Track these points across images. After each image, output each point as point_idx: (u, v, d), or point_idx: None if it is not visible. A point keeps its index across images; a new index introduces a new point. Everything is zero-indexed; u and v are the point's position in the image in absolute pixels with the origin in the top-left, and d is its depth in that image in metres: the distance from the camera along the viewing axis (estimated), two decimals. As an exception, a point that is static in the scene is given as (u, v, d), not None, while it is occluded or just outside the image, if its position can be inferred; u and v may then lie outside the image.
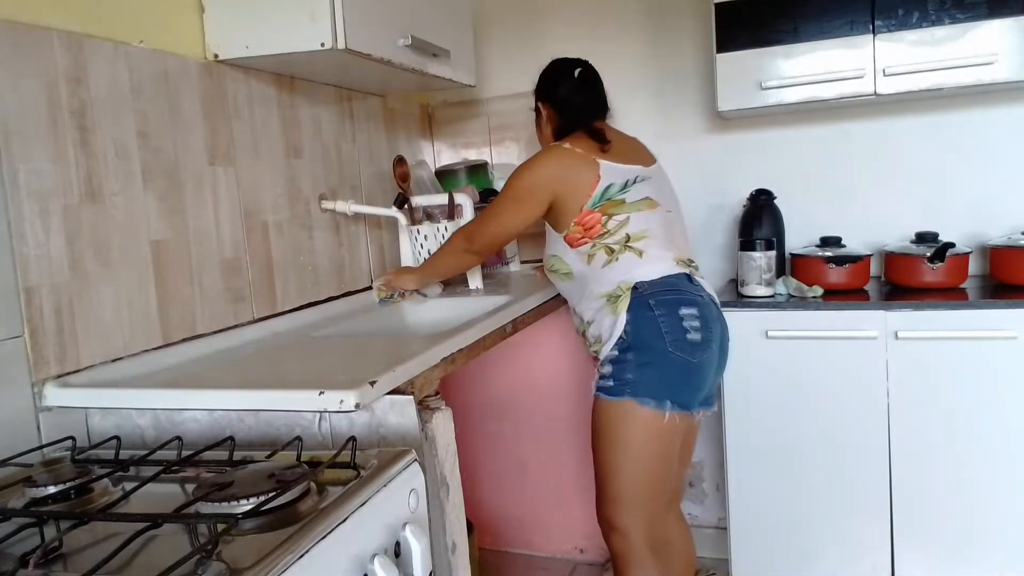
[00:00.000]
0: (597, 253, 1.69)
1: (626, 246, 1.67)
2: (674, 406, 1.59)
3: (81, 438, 1.17)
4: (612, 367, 1.62)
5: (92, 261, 1.28)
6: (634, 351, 1.60)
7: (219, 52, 1.57)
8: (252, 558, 0.70)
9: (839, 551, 2.03)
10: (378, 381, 1.09)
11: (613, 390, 1.61)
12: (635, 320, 1.61)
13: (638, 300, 1.62)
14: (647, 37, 2.45)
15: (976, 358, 1.88)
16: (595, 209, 1.68)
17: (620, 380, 1.61)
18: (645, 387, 1.59)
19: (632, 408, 1.59)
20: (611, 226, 1.68)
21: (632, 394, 1.59)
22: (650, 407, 1.58)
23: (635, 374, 1.59)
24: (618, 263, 1.67)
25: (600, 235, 1.68)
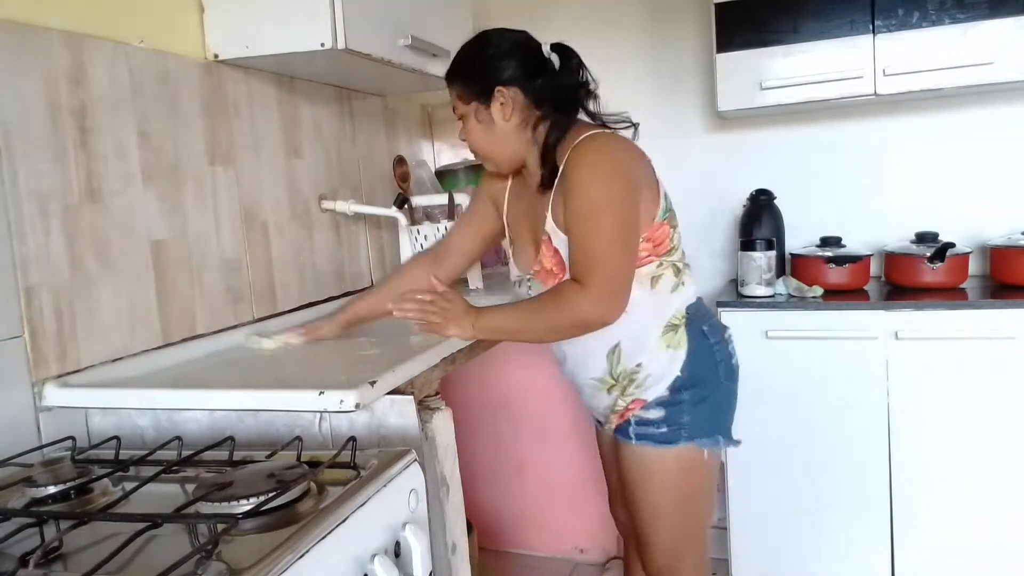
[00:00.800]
0: (664, 274, 1.37)
1: (685, 265, 1.43)
2: (726, 441, 1.44)
3: (81, 438, 1.17)
4: (664, 411, 1.38)
5: (92, 261, 1.28)
6: (689, 389, 1.38)
7: (219, 52, 1.57)
8: (252, 558, 0.70)
9: (839, 551, 2.03)
10: (378, 381, 1.09)
11: (666, 437, 1.38)
12: (694, 353, 1.38)
13: (692, 329, 1.39)
14: (647, 37, 2.45)
15: (976, 358, 1.88)
16: (664, 220, 1.37)
17: (675, 424, 1.38)
18: (702, 427, 1.39)
19: (691, 454, 1.39)
20: (675, 240, 1.40)
21: (689, 438, 1.38)
22: (708, 448, 1.40)
23: (692, 414, 1.38)
24: (683, 287, 1.40)
25: (668, 251, 1.37)
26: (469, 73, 1.38)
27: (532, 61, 1.37)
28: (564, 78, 1.38)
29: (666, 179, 2.12)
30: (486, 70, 1.36)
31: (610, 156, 1.31)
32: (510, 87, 1.35)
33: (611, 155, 1.31)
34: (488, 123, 1.37)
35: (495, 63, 1.36)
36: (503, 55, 1.37)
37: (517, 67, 1.36)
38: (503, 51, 1.37)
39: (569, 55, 1.40)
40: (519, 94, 1.35)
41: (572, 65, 1.40)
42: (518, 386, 2.45)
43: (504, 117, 1.36)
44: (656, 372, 1.38)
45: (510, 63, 1.36)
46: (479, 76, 1.37)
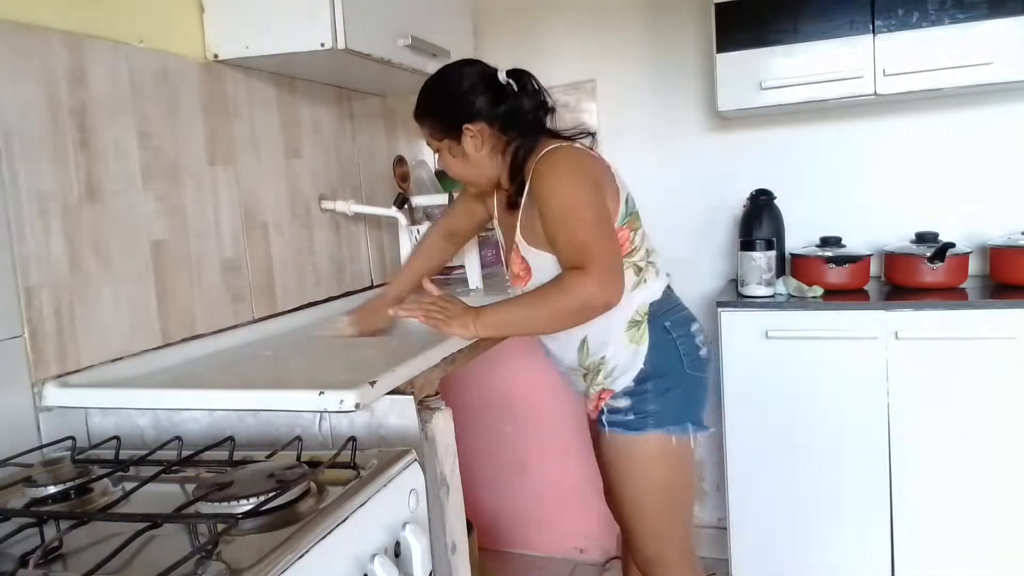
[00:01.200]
0: (625, 274, 1.45)
1: (648, 263, 1.51)
2: (695, 428, 1.50)
3: (81, 438, 1.17)
4: (630, 400, 1.49)
5: (92, 261, 1.28)
6: (653, 380, 1.48)
7: (219, 52, 1.57)
8: (252, 558, 0.70)
9: (839, 551, 2.03)
10: (378, 381, 1.09)
11: (634, 424, 1.48)
12: (655, 347, 1.48)
13: (655, 324, 1.48)
14: (647, 37, 2.45)
15: (976, 358, 1.88)
16: (623, 225, 1.46)
17: (641, 413, 1.48)
18: (669, 415, 1.48)
19: (658, 440, 1.48)
20: (637, 241, 1.49)
21: (656, 425, 1.47)
22: (675, 434, 1.48)
23: (657, 403, 1.47)
24: (645, 285, 1.49)
25: (629, 253, 1.47)
26: (437, 113, 1.48)
27: (492, 92, 1.45)
28: (522, 101, 1.46)
29: (666, 179, 2.14)
30: (452, 110, 1.45)
31: (572, 163, 1.40)
32: (476, 122, 1.44)
33: (572, 162, 1.40)
34: (462, 155, 1.48)
35: (459, 102, 1.45)
36: (465, 93, 1.45)
37: (480, 101, 1.44)
38: (464, 89, 1.45)
39: (524, 79, 1.48)
40: (485, 127, 1.44)
41: (528, 88, 1.47)
42: (518, 386, 2.45)
43: (476, 149, 1.46)
44: (622, 364, 1.49)
45: (473, 99, 1.44)
46: (446, 116, 1.46)
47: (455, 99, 1.45)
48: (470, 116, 1.43)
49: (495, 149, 1.46)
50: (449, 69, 1.51)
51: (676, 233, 2.47)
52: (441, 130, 1.47)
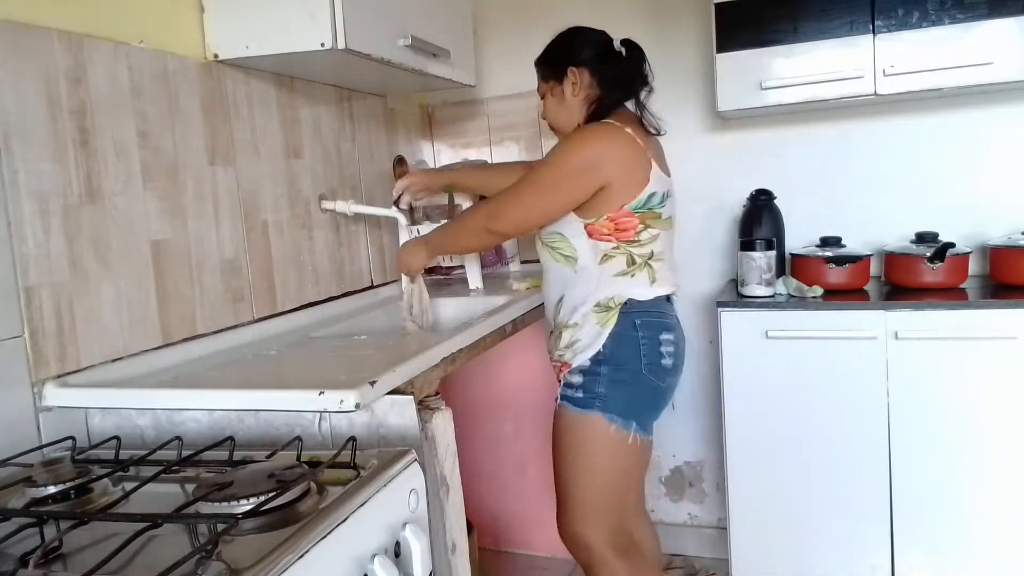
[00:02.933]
0: (617, 257, 1.57)
1: (647, 263, 1.59)
2: (638, 428, 1.58)
3: (81, 438, 1.17)
4: (583, 378, 1.57)
5: (92, 261, 1.28)
6: (608, 366, 1.56)
7: (219, 52, 1.57)
8: (252, 558, 0.70)
9: (839, 551, 2.03)
10: (378, 381, 1.09)
11: (581, 402, 1.57)
12: (617, 336, 1.56)
13: (624, 317, 1.56)
14: (647, 37, 2.43)
15: (976, 358, 1.88)
16: (636, 213, 1.55)
17: (590, 392, 1.56)
18: (615, 404, 1.55)
19: (599, 422, 1.56)
20: (644, 237, 1.57)
21: (601, 409, 1.55)
22: (617, 424, 1.55)
23: (607, 389, 1.55)
24: (631, 280, 1.58)
25: (629, 241, 1.56)
26: (551, 57, 1.69)
27: (603, 50, 1.65)
28: (624, 67, 1.65)
29: (666, 179, 2.10)
30: (563, 53, 1.66)
31: (587, 139, 1.56)
32: (580, 68, 1.63)
33: (589, 138, 1.56)
34: (560, 97, 1.67)
35: (572, 48, 1.66)
36: (579, 43, 1.66)
37: (589, 53, 1.64)
38: (580, 40, 1.67)
39: (635, 51, 1.67)
40: (586, 74, 1.63)
41: (634, 56, 1.66)
42: (518, 386, 2.45)
43: (572, 93, 1.65)
44: (584, 340, 1.58)
45: (583, 49, 1.65)
46: (557, 57, 1.67)
47: (571, 46, 1.66)
48: (575, 61, 1.63)
49: (587, 99, 1.64)
50: (575, 27, 1.70)
51: (676, 233, 2.47)
52: (550, 72, 1.68)
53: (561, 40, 1.69)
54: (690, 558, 2.54)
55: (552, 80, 1.67)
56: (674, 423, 2.49)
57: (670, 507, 2.62)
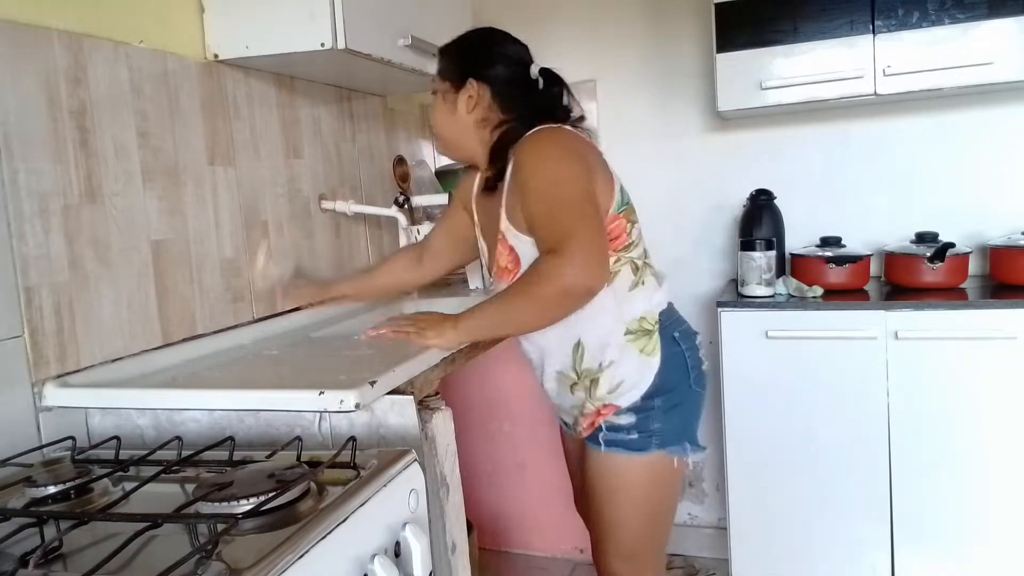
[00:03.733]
0: (622, 270, 1.35)
1: (645, 264, 1.40)
2: (692, 447, 1.41)
3: (81, 438, 1.17)
4: (635, 418, 1.36)
5: (92, 261, 1.28)
6: (661, 396, 1.36)
7: (219, 52, 1.57)
8: (252, 558, 0.70)
9: (839, 551, 2.03)
10: (378, 381, 1.09)
11: (636, 444, 1.36)
12: (667, 360, 1.37)
13: (666, 335, 1.38)
14: (647, 37, 2.45)
15: (976, 358, 1.88)
16: (619, 214, 1.35)
17: (645, 432, 1.36)
18: (672, 434, 1.38)
19: (661, 462, 1.37)
20: (634, 236, 1.38)
21: (660, 445, 1.36)
22: (678, 455, 1.39)
23: (662, 422, 1.37)
24: (644, 288, 1.38)
25: (626, 246, 1.36)
26: (456, 54, 1.44)
27: (516, 73, 1.40)
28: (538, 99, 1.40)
29: (666, 179, 2.13)
30: (470, 58, 1.41)
31: (560, 141, 1.32)
32: (482, 83, 1.39)
33: (561, 140, 1.32)
34: (451, 106, 1.41)
35: (479, 57, 1.41)
36: (492, 54, 1.41)
37: (500, 70, 1.39)
38: (493, 50, 1.42)
39: (554, 81, 1.43)
40: (487, 93, 1.39)
41: (552, 91, 1.42)
42: (518, 386, 2.45)
43: (467, 109, 1.40)
44: (630, 378, 1.36)
45: (495, 63, 1.40)
46: (462, 61, 1.41)
47: (478, 52, 1.42)
48: (479, 74, 1.39)
49: (485, 121, 1.40)
50: (494, 29, 1.47)
51: (676, 233, 2.47)
52: (448, 72, 1.42)
53: (471, 40, 1.45)
54: (690, 558, 2.54)
55: (448, 82, 1.42)
56: (674, 423, 2.48)
57: (670, 507, 2.62)
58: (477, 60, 1.40)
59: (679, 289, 2.44)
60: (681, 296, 2.43)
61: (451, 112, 1.41)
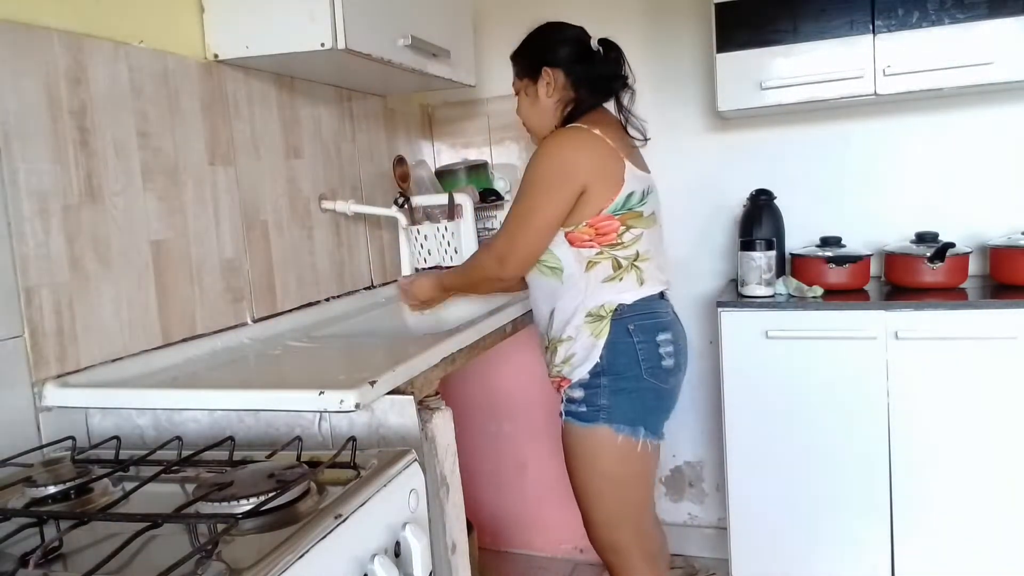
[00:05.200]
0: (602, 263, 1.54)
1: (633, 265, 1.55)
2: (647, 433, 1.56)
3: (81, 438, 1.17)
4: (584, 391, 1.56)
5: (92, 261, 1.28)
6: (608, 376, 1.54)
7: (219, 52, 1.57)
8: (252, 558, 0.70)
9: (839, 551, 2.03)
10: (378, 381, 1.09)
11: (586, 416, 1.56)
12: (613, 345, 1.53)
13: (617, 324, 1.54)
14: (647, 37, 2.45)
15: (976, 358, 1.88)
16: (615, 216, 1.52)
17: (593, 406, 1.55)
18: (620, 413, 1.54)
19: (607, 434, 1.54)
20: (627, 239, 1.54)
21: (607, 420, 1.54)
22: (624, 434, 1.54)
23: (609, 400, 1.54)
24: (620, 284, 1.55)
25: (612, 244, 1.53)
26: (526, 54, 1.65)
27: (579, 50, 1.61)
28: (602, 68, 1.61)
29: (666, 179, 2.14)
30: (538, 52, 1.63)
31: (559, 147, 1.52)
32: (554, 68, 1.60)
33: (561, 146, 1.52)
34: (534, 97, 1.64)
35: (547, 47, 1.62)
36: (555, 41, 1.62)
37: (564, 52, 1.60)
38: (555, 38, 1.63)
39: (610, 47, 1.63)
40: (561, 75, 1.60)
41: (611, 57, 1.62)
42: (518, 386, 2.45)
43: (547, 94, 1.61)
44: (580, 354, 1.56)
45: (559, 48, 1.61)
46: (532, 56, 1.63)
47: (544, 44, 1.63)
48: (550, 61, 1.60)
49: (561, 100, 1.61)
50: (551, 22, 1.66)
51: (676, 233, 2.47)
52: (524, 69, 1.64)
53: (536, 37, 1.65)
54: (690, 558, 2.54)
55: (526, 79, 1.65)
56: (674, 423, 2.46)
57: (670, 507, 2.62)
58: (543, 50, 1.62)
59: (679, 289, 2.44)
60: (681, 296, 2.44)
61: (535, 103, 1.64)
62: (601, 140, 1.51)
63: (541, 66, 1.61)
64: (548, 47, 1.62)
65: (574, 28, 1.65)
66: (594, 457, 1.57)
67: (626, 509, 1.62)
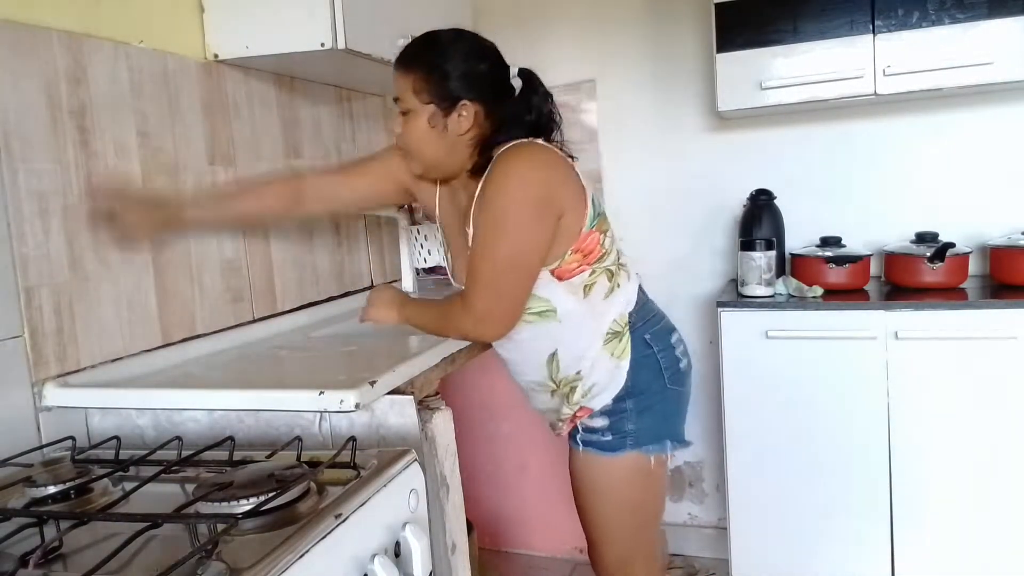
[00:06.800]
0: (598, 281, 1.35)
1: (619, 265, 1.40)
2: (674, 444, 1.45)
3: (81, 438, 1.17)
4: (608, 420, 1.40)
5: (92, 261, 1.28)
6: (633, 398, 1.39)
7: (219, 52, 1.57)
8: (252, 558, 0.70)
9: (839, 551, 2.03)
10: (378, 381, 1.09)
11: (611, 445, 1.40)
12: (637, 363, 1.38)
13: (636, 337, 1.39)
14: (647, 37, 2.45)
15: (976, 358, 1.88)
16: (592, 229, 1.33)
17: (619, 433, 1.40)
18: (647, 434, 1.40)
19: (636, 461, 1.40)
20: (607, 244, 1.37)
21: (635, 446, 1.39)
22: (654, 454, 1.42)
23: (636, 423, 1.39)
24: (619, 289, 1.38)
25: (600, 258, 1.35)
26: (437, 72, 1.29)
27: (500, 80, 1.33)
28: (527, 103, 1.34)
29: (666, 179, 2.13)
30: (460, 77, 1.29)
31: (531, 168, 1.27)
32: (476, 103, 1.29)
33: (532, 167, 1.27)
34: (440, 129, 1.30)
35: (471, 73, 1.29)
36: (481, 67, 1.31)
37: (488, 83, 1.31)
38: (479, 62, 1.31)
39: (535, 84, 1.36)
40: (481, 111, 1.30)
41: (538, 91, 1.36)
42: (518, 386, 2.45)
43: (462, 130, 1.30)
44: (601, 381, 1.38)
45: (486, 77, 1.31)
46: (449, 80, 1.29)
47: (468, 67, 1.29)
48: (476, 93, 1.29)
49: (476, 139, 1.32)
50: (469, 33, 1.35)
51: (676, 233, 2.47)
52: (432, 92, 1.28)
53: (455, 51, 1.31)
54: (690, 558, 2.54)
55: (433, 103, 1.29)
56: (674, 423, 2.48)
57: (670, 507, 2.61)
58: (467, 77, 1.29)
59: (679, 289, 2.45)
60: (681, 296, 2.45)
61: (441, 135, 1.31)
62: (554, 152, 1.32)
63: (462, 97, 1.28)
64: (473, 73, 1.29)
65: (493, 49, 1.35)
66: (619, 488, 1.44)
67: (644, 535, 1.51)
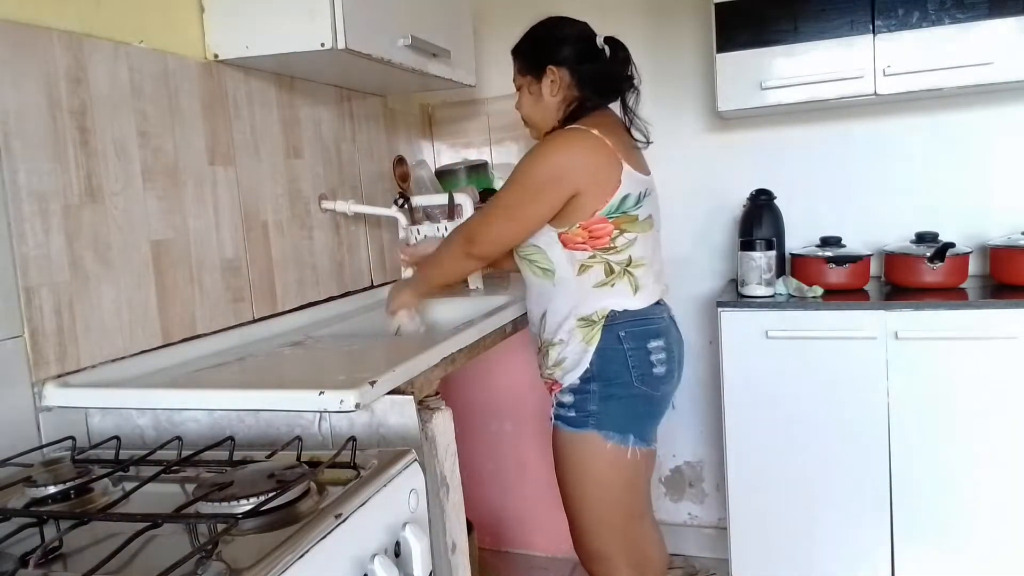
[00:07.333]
0: (594, 267, 1.52)
1: (626, 270, 1.53)
2: (636, 440, 1.55)
3: (81, 438, 1.17)
4: (574, 397, 1.55)
5: (92, 261, 1.28)
6: (598, 382, 1.53)
7: (219, 52, 1.57)
8: (252, 558, 0.70)
9: (839, 551, 2.03)
10: (378, 381, 1.09)
11: (575, 421, 1.55)
12: (602, 352, 1.52)
13: (608, 331, 1.52)
14: (647, 37, 2.45)
15: (976, 358, 1.88)
16: (609, 219, 1.50)
17: (583, 411, 1.54)
18: (609, 420, 1.53)
19: (595, 441, 1.53)
20: (620, 243, 1.51)
21: (596, 427, 1.53)
22: (613, 441, 1.53)
23: (599, 406, 1.53)
24: (612, 290, 1.53)
25: (605, 248, 1.51)
26: (529, 50, 1.61)
27: (585, 48, 1.57)
28: (608, 67, 1.59)
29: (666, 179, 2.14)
30: (543, 49, 1.58)
31: (555, 150, 1.50)
32: (560, 67, 1.56)
33: (556, 150, 1.50)
34: (537, 96, 1.60)
35: (551, 45, 1.58)
36: (559, 39, 1.58)
37: (570, 50, 1.57)
38: (560, 35, 1.59)
39: (618, 46, 1.61)
40: (566, 74, 1.57)
41: (619, 57, 1.60)
42: (519, 386, 2.45)
43: (551, 93, 1.58)
44: (571, 359, 1.55)
45: (564, 46, 1.57)
46: (536, 54, 1.59)
47: (549, 41, 1.59)
48: (556, 60, 1.56)
49: (564, 100, 1.58)
50: (555, 17, 1.62)
51: (676, 233, 2.47)
52: (527, 67, 1.61)
53: (540, 33, 1.61)
54: (690, 558, 2.54)
55: (529, 75, 1.61)
56: (674, 423, 2.49)
57: (670, 507, 2.62)
58: (549, 48, 1.58)
59: (679, 289, 2.45)
60: (681, 296, 2.45)
61: (538, 100, 1.61)
62: (599, 141, 1.49)
63: (546, 64, 1.57)
64: (553, 44, 1.58)
65: (579, 24, 1.61)
66: (582, 463, 1.56)
67: (613, 517, 1.60)
